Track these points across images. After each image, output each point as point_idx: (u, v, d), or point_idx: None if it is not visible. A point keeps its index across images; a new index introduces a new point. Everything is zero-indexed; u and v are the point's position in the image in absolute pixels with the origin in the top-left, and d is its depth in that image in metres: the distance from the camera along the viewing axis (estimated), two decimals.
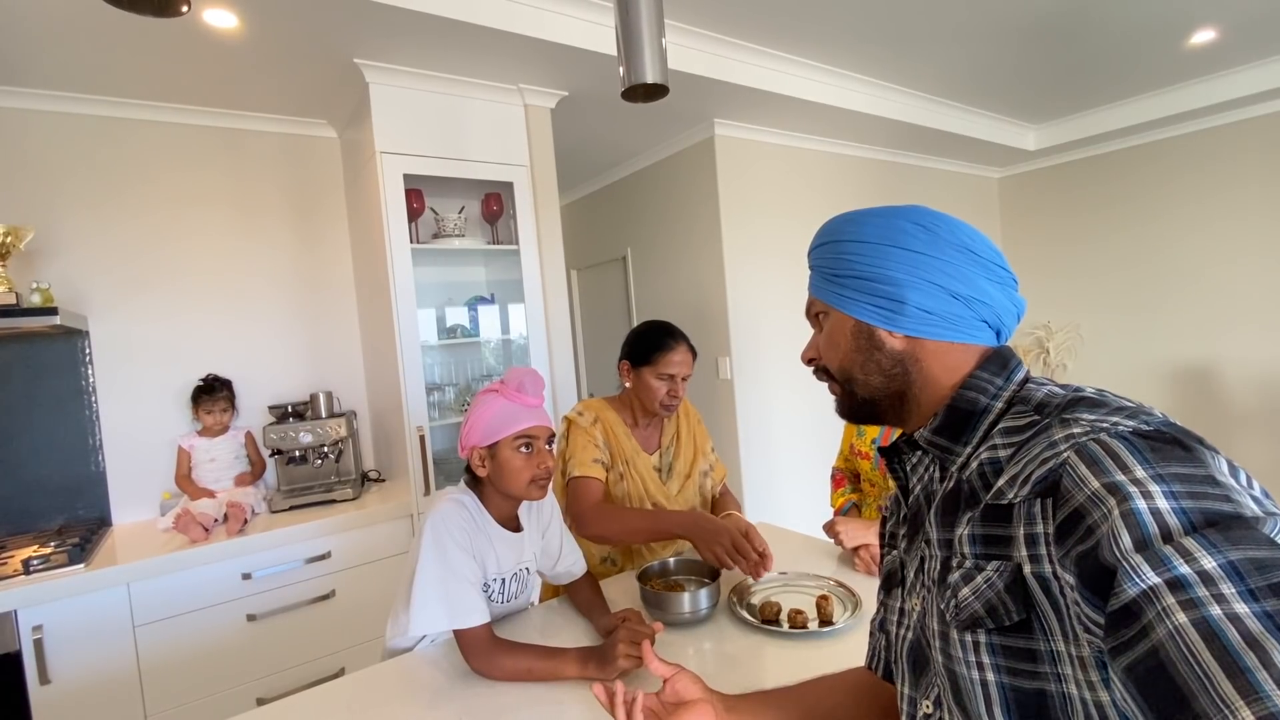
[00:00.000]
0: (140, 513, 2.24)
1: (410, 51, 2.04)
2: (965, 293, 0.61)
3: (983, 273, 0.62)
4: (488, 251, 2.60)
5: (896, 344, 0.63)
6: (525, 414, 1.18)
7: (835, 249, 0.66)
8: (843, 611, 1.22)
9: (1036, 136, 4.14)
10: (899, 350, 0.63)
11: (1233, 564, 0.39)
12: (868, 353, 0.65)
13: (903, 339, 0.63)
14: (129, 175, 2.25)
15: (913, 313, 0.62)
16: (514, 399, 1.18)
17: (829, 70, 2.83)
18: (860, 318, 0.64)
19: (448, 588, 1.10)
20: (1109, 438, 0.47)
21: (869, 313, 0.64)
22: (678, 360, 1.51)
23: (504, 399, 1.18)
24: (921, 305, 0.62)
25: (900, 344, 0.63)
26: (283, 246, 2.53)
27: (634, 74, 1.12)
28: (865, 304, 0.64)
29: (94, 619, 1.72)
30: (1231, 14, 2.63)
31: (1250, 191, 3.63)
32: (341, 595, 2.08)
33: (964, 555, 0.56)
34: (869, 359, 0.65)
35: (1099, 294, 4.30)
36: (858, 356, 0.65)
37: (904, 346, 0.63)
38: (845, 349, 0.66)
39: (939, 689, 0.60)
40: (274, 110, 2.43)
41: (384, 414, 2.48)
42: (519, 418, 1.17)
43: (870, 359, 0.65)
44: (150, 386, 2.27)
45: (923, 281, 0.61)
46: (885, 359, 0.64)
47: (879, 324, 0.63)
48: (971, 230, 0.63)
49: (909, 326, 0.62)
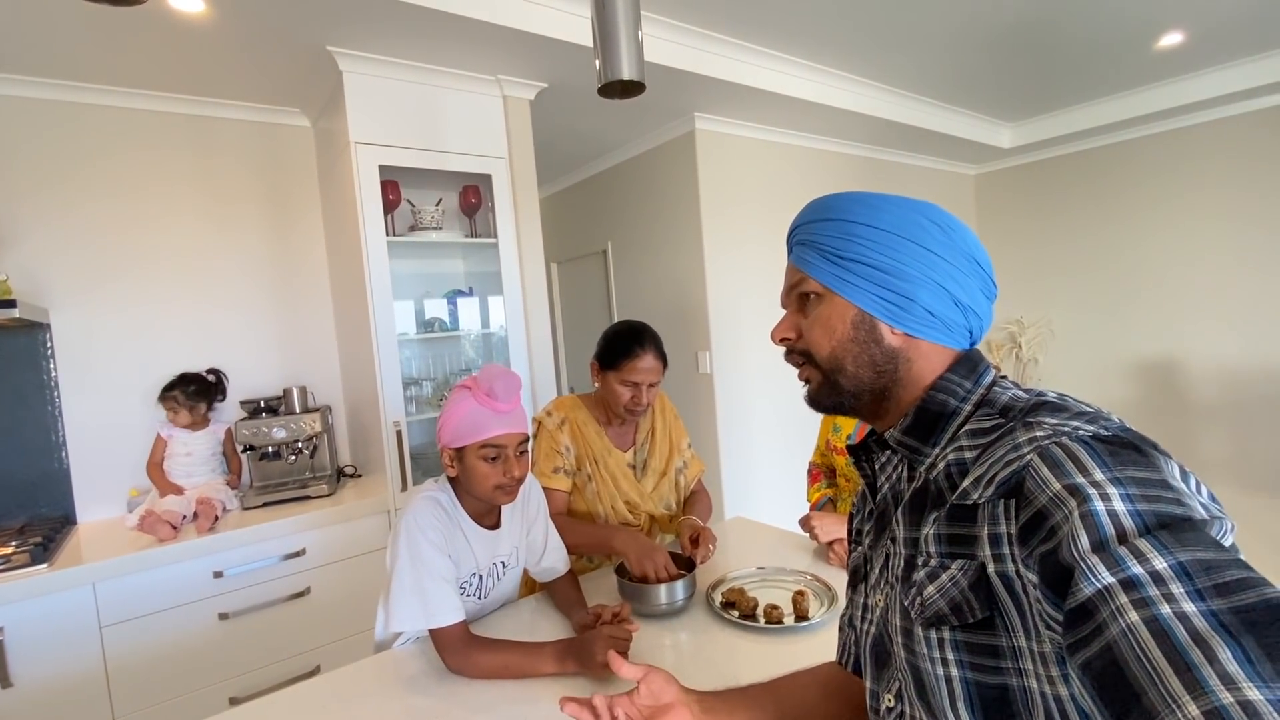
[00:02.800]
0: (106, 510, 2.18)
1: (386, 40, 2.00)
2: (965, 300, 0.62)
3: (980, 285, 0.63)
4: (466, 244, 2.57)
5: (894, 341, 0.63)
6: (494, 421, 1.12)
7: (845, 229, 0.63)
8: (819, 607, 1.24)
9: (1011, 134, 4.20)
10: (895, 347, 0.63)
11: (1182, 564, 0.40)
12: (865, 345, 0.63)
13: (901, 336, 0.62)
14: (92, 163, 2.18)
15: (918, 312, 0.61)
16: (484, 403, 1.12)
17: (809, 66, 2.84)
18: (865, 308, 0.62)
19: (422, 586, 1.09)
20: (1070, 441, 0.49)
21: (876, 304, 0.62)
22: (643, 369, 1.47)
23: (474, 401, 1.12)
24: (928, 306, 0.61)
25: (898, 341, 0.63)
26: (254, 237, 2.47)
27: (610, 70, 1.11)
28: (873, 294, 0.62)
29: (58, 620, 1.68)
30: (1199, 18, 2.69)
31: (1212, 191, 3.74)
32: (317, 592, 2.05)
33: (929, 554, 0.57)
34: (865, 351, 0.63)
35: (1069, 290, 4.39)
36: (854, 347, 0.63)
37: (900, 344, 0.63)
38: (841, 337, 0.64)
39: (900, 682, 0.61)
40: (244, 97, 2.37)
41: (360, 409, 2.45)
42: (486, 425, 1.11)
43: (866, 351, 0.63)
44: (115, 381, 2.21)
45: (933, 283, 0.61)
46: (880, 354, 0.63)
47: (883, 317, 0.62)
48: (977, 239, 0.64)
49: (911, 325, 0.62)
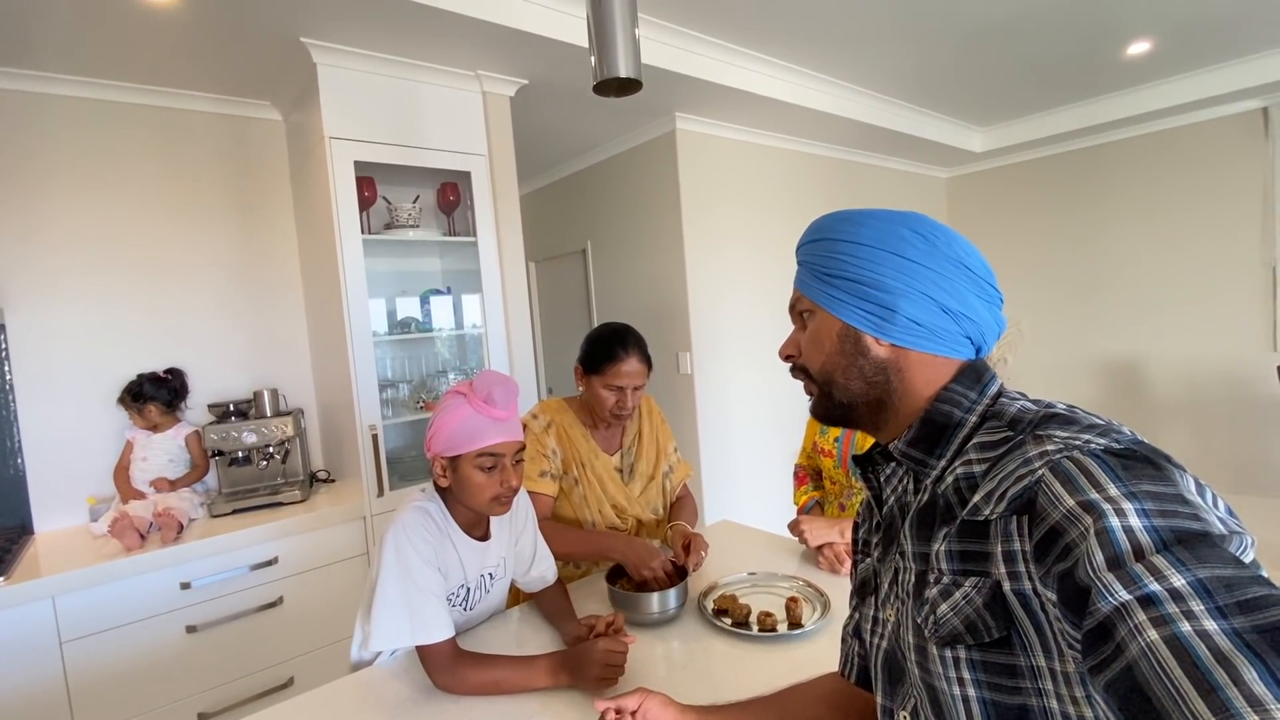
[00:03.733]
0: (66, 519, 2.08)
1: (362, 32, 1.94)
2: (954, 307, 0.61)
3: (973, 289, 0.62)
4: (444, 243, 2.51)
5: (881, 352, 0.63)
6: (491, 429, 1.08)
7: (829, 247, 0.65)
8: (812, 613, 1.23)
9: (983, 139, 4.28)
10: (883, 358, 0.63)
11: (1201, 581, 0.39)
12: (852, 357, 0.64)
13: (888, 347, 0.63)
14: (51, 156, 2.07)
15: (902, 322, 0.61)
16: (481, 410, 1.08)
17: (787, 67, 2.85)
18: (849, 321, 0.63)
19: (409, 602, 1.05)
20: (1082, 455, 0.48)
21: (858, 317, 0.63)
22: (627, 372, 1.46)
23: (471, 408, 1.08)
24: (911, 316, 0.61)
25: (885, 352, 0.63)
26: (222, 234, 2.38)
27: (607, 68, 1.08)
28: (855, 308, 0.63)
29: (15, 636, 1.59)
30: (1166, 26, 2.77)
31: (1177, 196, 3.85)
32: (290, 602, 1.99)
33: (941, 570, 0.56)
34: (852, 364, 0.64)
35: (1038, 292, 4.49)
36: (841, 360, 0.65)
37: (888, 355, 0.63)
38: (829, 351, 0.65)
39: (915, 700, 0.60)
40: (212, 89, 2.27)
41: (333, 411, 2.38)
42: (484, 433, 1.08)
43: (854, 364, 0.64)
44: (75, 384, 2.11)
45: (915, 292, 0.61)
46: (869, 365, 0.63)
47: (867, 330, 0.63)
48: (968, 244, 0.63)
49: (896, 336, 0.62)
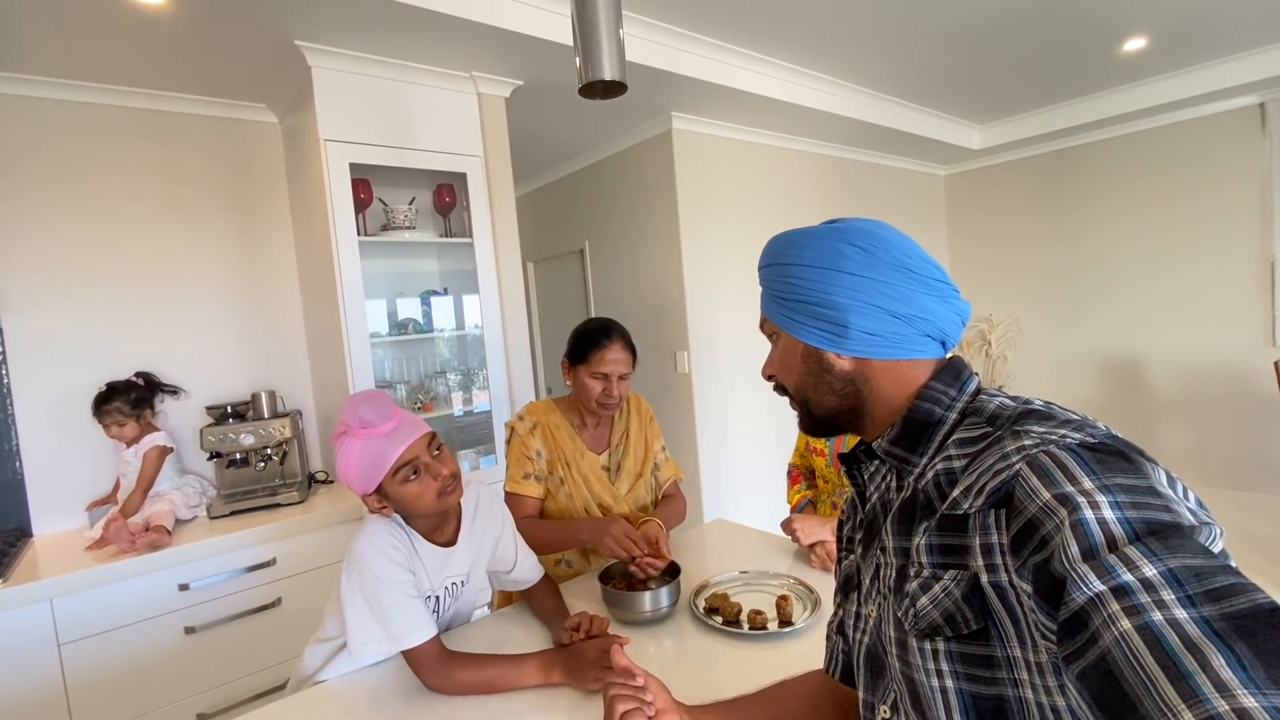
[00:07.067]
0: (64, 522, 2.09)
1: (356, 34, 1.95)
2: (905, 311, 0.62)
3: (921, 289, 0.63)
4: (440, 244, 2.52)
5: (845, 365, 0.65)
6: (387, 445, 1.04)
7: (781, 272, 0.67)
8: (802, 611, 1.24)
9: (981, 136, 4.27)
10: (848, 371, 0.65)
11: (1172, 571, 0.40)
12: (819, 375, 0.66)
13: (851, 360, 0.64)
14: (48, 160, 2.08)
15: (856, 335, 0.63)
16: (366, 435, 1.04)
17: (784, 66, 2.85)
18: (808, 341, 0.65)
19: (384, 608, 1.04)
20: (1058, 449, 0.49)
21: (816, 336, 0.65)
22: (611, 359, 1.46)
23: (357, 440, 1.04)
24: (863, 328, 0.63)
25: (849, 365, 0.65)
26: (219, 237, 2.39)
27: (591, 70, 1.09)
28: (812, 328, 0.65)
29: (13, 638, 1.60)
30: (1162, 23, 2.76)
31: (1174, 192, 3.85)
32: (288, 603, 1.99)
33: (921, 564, 0.57)
34: (820, 381, 0.66)
35: (1038, 288, 4.49)
36: (809, 379, 0.67)
37: (852, 367, 0.65)
38: (798, 371, 0.68)
39: (895, 694, 0.61)
40: (208, 92, 2.28)
41: (331, 413, 2.38)
42: (384, 454, 1.04)
43: (821, 380, 0.66)
44: (73, 386, 2.11)
45: (863, 304, 0.62)
46: (836, 380, 0.65)
47: (826, 347, 0.65)
48: (908, 246, 0.64)
49: (854, 348, 0.63)
